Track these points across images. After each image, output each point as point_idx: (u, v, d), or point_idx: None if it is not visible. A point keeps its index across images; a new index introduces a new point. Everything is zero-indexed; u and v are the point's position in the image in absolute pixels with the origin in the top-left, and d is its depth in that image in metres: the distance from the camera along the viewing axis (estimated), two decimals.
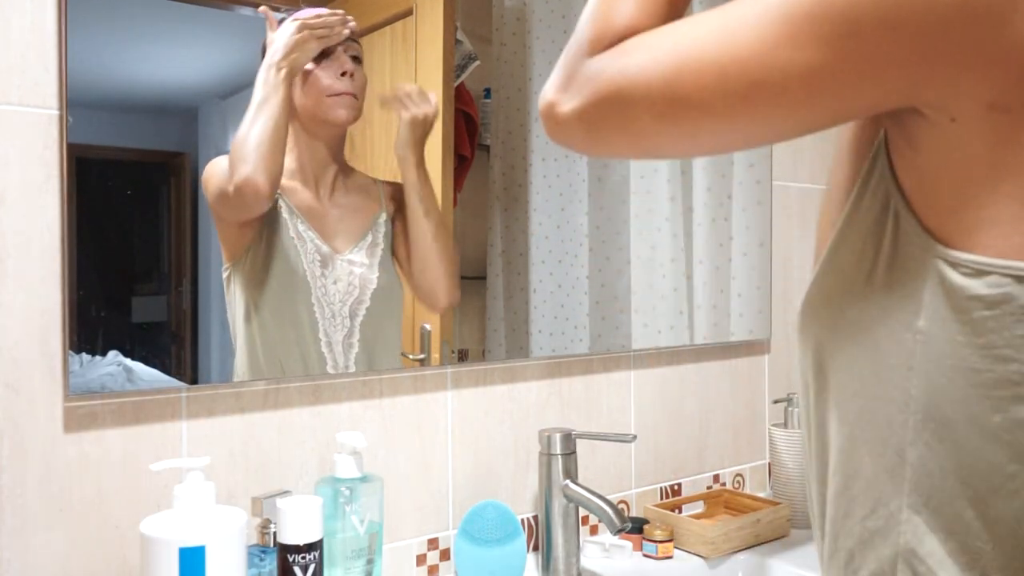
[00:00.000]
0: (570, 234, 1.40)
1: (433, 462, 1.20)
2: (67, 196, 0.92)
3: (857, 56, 0.46)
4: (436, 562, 1.20)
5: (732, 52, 0.49)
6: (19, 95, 0.90)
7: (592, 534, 1.36)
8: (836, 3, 0.46)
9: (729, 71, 0.49)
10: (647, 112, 0.53)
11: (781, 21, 0.48)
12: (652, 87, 0.52)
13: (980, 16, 0.43)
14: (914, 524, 0.49)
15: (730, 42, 0.50)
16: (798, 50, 0.47)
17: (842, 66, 0.47)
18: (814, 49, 0.47)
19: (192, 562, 0.79)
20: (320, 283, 1.10)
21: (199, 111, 1.04)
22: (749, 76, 0.49)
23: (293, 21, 1.06)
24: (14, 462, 0.90)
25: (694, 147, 0.56)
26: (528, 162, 1.36)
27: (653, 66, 0.53)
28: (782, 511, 1.39)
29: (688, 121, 0.52)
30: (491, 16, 1.33)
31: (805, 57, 0.47)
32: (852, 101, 0.49)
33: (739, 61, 0.49)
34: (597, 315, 1.41)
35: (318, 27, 1.07)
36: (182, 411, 1.00)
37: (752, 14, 0.49)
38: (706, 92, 0.50)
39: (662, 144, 0.56)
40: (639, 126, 0.54)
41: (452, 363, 1.23)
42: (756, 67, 0.49)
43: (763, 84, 0.49)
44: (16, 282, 0.90)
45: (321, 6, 1.11)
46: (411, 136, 1.15)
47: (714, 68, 0.50)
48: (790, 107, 0.49)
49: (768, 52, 0.48)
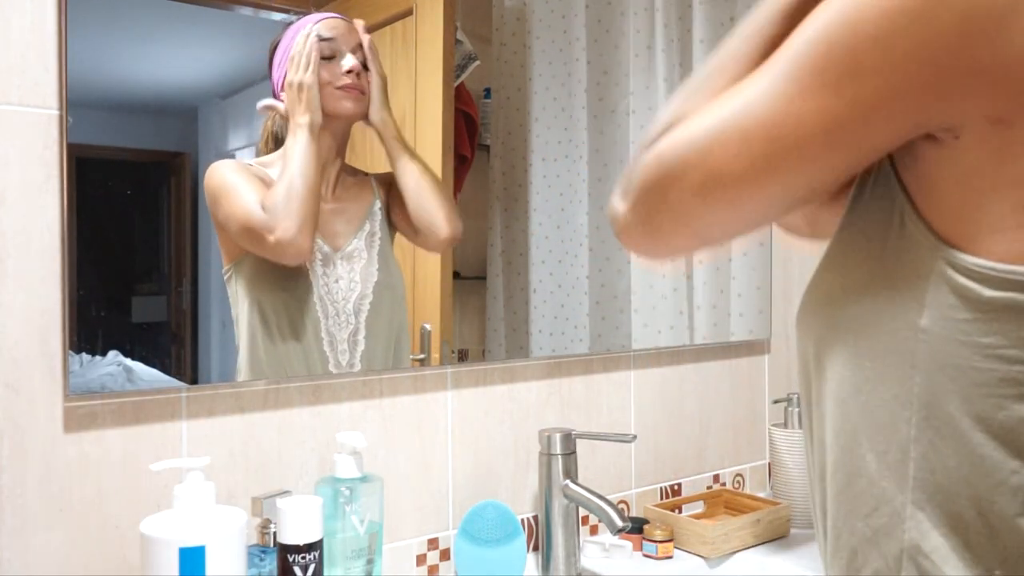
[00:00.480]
0: (570, 234, 1.40)
1: (433, 462, 1.20)
2: (67, 196, 0.92)
3: (864, 95, 0.47)
4: (436, 562, 1.20)
5: (752, 117, 0.52)
6: (19, 95, 0.90)
7: (592, 534, 1.36)
8: (835, 49, 0.48)
9: (751, 135, 0.52)
10: (688, 191, 0.55)
11: (790, 78, 0.50)
12: (688, 165, 0.55)
13: (976, 37, 0.44)
14: (918, 520, 0.49)
15: (749, 109, 0.52)
16: (808, 101, 0.49)
17: (851, 108, 0.48)
18: (823, 96, 0.49)
19: (192, 562, 0.79)
20: (323, 282, 1.11)
21: (199, 111, 1.04)
22: (768, 135, 0.51)
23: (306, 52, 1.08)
24: (14, 462, 0.90)
25: (741, 220, 0.58)
26: (528, 162, 1.36)
27: (686, 145, 0.56)
28: (782, 511, 1.39)
29: (726, 192, 0.54)
30: (491, 16, 1.33)
31: (816, 106, 0.49)
32: (870, 139, 0.50)
33: (758, 123, 0.51)
34: (597, 315, 1.41)
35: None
36: (182, 411, 1.00)
37: (766, 78, 0.52)
38: (735, 160, 0.53)
39: (712, 224, 0.57)
40: (685, 207, 0.57)
41: (452, 363, 1.23)
42: (773, 125, 0.51)
43: (782, 140, 0.51)
44: (16, 282, 0.90)
45: (322, 8, 1.11)
46: (382, 97, 1.15)
47: (737, 135, 0.52)
48: (813, 158, 0.51)
49: (782, 109, 0.50)
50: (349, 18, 1.13)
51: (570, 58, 1.40)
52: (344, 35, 1.11)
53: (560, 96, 1.39)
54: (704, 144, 0.54)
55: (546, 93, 1.38)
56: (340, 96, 1.11)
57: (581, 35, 1.41)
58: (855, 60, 0.47)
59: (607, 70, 1.44)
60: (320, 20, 1.10)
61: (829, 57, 0.48)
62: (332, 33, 1.10)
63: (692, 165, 0.55)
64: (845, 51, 0.47)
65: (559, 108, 1.39)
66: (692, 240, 0.60)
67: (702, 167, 0.54)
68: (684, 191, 0.56)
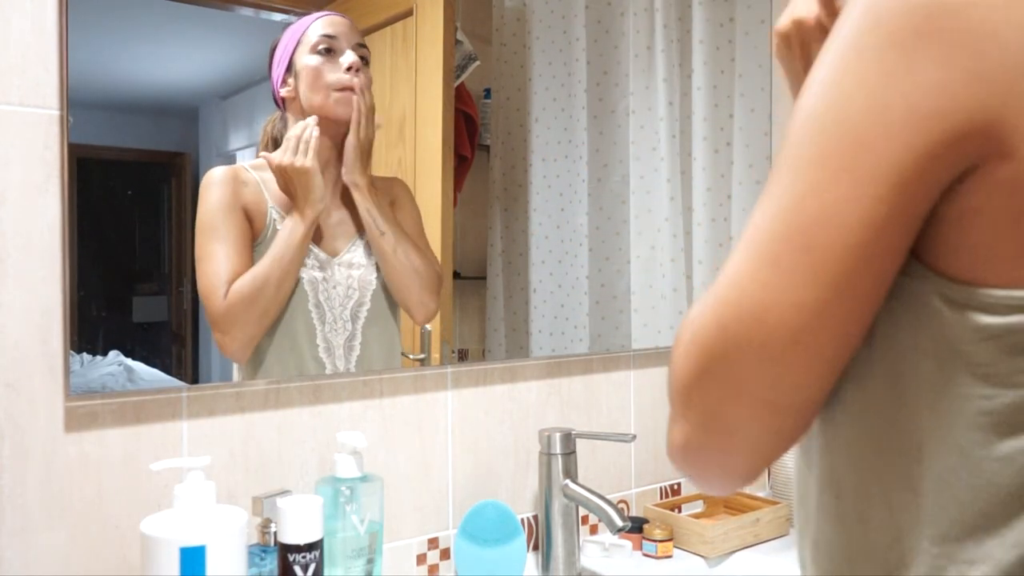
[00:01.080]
0: (570, 234, 1.40)
1: (433, 462, 1.20)
2: (67, 196, 0.92)
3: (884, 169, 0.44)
4: (436, 561, 1.20)
5: (777, 243, 0.46)
6: (19, 95, 0.90)
7: (592, 534, 1.36)
8: (831, 135, 0.45)
9: (784, 261, 0.46)
10: (742, 355, 0.48)
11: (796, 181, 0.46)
12: (730, 328, 0.48)
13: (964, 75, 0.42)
14: (933, 555, 0.48)
15: (771, 237, 0.47)
16: (824, 195, 0.45)
17: (875, 187, 0.44)
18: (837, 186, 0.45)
19: (192, 562, 0.79)
20: (322, 287, 1.10)
21: (199, 111, 1.04)
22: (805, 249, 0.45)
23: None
24: (15, 462, 0.90)
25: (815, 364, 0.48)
26: (528, 162, 1.36)
27: (719, 308, 0.49)
28: (782, 511, 1.39)
29: (788, 335, 0.46)
30: (491, 16, 1.33)
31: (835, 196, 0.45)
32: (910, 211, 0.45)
33: (788, 244, 0.46)
34: (597, 315, 1.42)
35: None
36: (182, 411, 1.00)
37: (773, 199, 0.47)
38: (785, 292, 0.46)
39: (782, 382, 0.48)
40: (750, 380, 0.48)
41: (452, 363, 1.23)
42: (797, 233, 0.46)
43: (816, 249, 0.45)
44: (16, 282, 0.90)
45: (321, 9, 1.11)
46: (358, 161, 1.13)
47: (772, 267, 0.46)
48: (864, 250, 0.45)
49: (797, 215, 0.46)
50: (346, 14, 1.13)
51: (570, 58, 1.41)
52: (344, 33, 1.11)
53: (560, 96, 1.39)
54: (735, 291, 0.48)
55: (546, 93, 1.38)
56: (339, 99, 1.10)
57: (581, 35, 1.42)
58: (856, 138, 0.44)
59: (607, 70, 1.44)
60: (320, 17, 1.10)
61: (828, 144, 0.45)
62: (333, 30, 1.10)
63: (732, 322, 0.48)
64: (842, 132, 0.45)
65: (559, 108, 1.39)
66: (770, 420, 0.50)
67: (745, 317, 0.47)
68: (734, 357, 0.48)
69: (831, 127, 0.45)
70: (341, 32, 1.11)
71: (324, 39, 1.09)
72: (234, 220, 1.04)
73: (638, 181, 1.46)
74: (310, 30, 1.10)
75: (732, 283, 0.48)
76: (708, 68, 1.53)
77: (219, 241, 1.03)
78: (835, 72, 0.46)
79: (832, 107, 0.45)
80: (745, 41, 1.56)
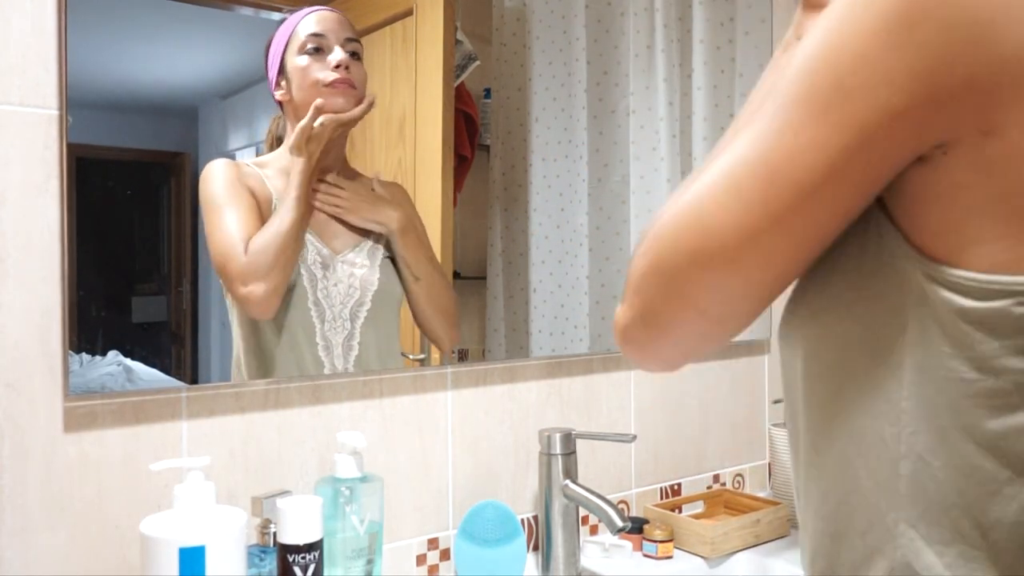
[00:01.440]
0: (570, 234, 1.40)
1: (433, 462, 1.20)
2: (67, 196, 0.92)
3: (857, 119, 0.45)
4: (436, 562, 1.20)
5: (743, 163, 0.49)
6: (19, 95, 0.90)
7: (592, 534, 1.36)
8: (820, 77, 0.46)
9: (743, 183, 0.49)
10: (685, 262, 0.51)
11: (776, 116, 0.48)
12: (680, 233, 0.51)
13: (964, 46, 0.43)
14: (910, 538, 0.49)
15: (739, 157, 0.49)
16: (801, 134, 0.47)
17: (846, 134, 0.46)
18: (814, 127, 0.46)
19: (192, 562, 0.79)
20: (321, 285, 1.10)
21: (199, 111, 1.04)
22: (762, 179, 0.48)
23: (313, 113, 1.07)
24: (14, 462, 0.90)
25: (747, 289, 0.52)
26: (528, 162, 1.36)
27: (677, 214, 0.52)
28: (782, 511, 1.39)
29: (725, 253, 0.50)
30: (491, 16, 1.33)
31: (809, 138, 0.46)
32: (873, 167, 0.47)
33: (750, 169, 0.48)
34: (597, 315, 1.41)
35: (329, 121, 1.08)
36: (182, 411, 1.00)
37: (754, 125, 0.49)
38: (728, 213, 0.49)
39: (716, 299, 0.52)
40: (684, 282, 0.52)
41: (452, 363, 1.23)
42: (766, 167, 0.48)
43: (778, 183, 0.47)
44: (16, 282, 0.90)
45: (322, 6, 1.11)
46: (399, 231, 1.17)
47: (729, 186, 0.49)
48: (813, 197, 0.47)
49: (773, 149, 0.48)
50: (341, 10, 1.12)
51: (570, 58, 1.41)
52: (333, 28, 1.10)
53: (560, 96, 1.39)
54: (695, 205, 0.51)
55: (546, 93, 1.38)
56: (329, 93, 1.09)
57: (581, 35, 1.41)
58: (841, 84, 0.45)
59: (607, 70, 1.44)
60: (308, 13, 1.09)
61: (815, 86, 0.46)
62: (321, 27, 1.09)
63: (685, 231, 0.51)
64: (830, 76, 0.46)
65: (559, 108, 1.39)
66: (698, 325, 0.54)
67: (696, 229, 0.50)
68: (681, 264, 0.51)
69: (822, 70, 0.46)
70: (329, 29, 1.10)
71: (312, 38, 1.09)
72: (241, 193, 1.05)
73: (638, 181, 1.46)
74: (299, 28, 1.09)
75: (695, 198, 0.51)
76: (708, 68, 1.52)
77: (229, 209, 1.04)
78: (839, 20, 0.46)
79: (827, 52, 0.46)
80: (745, 41, 1.56)
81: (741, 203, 0.49)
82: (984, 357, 0.45)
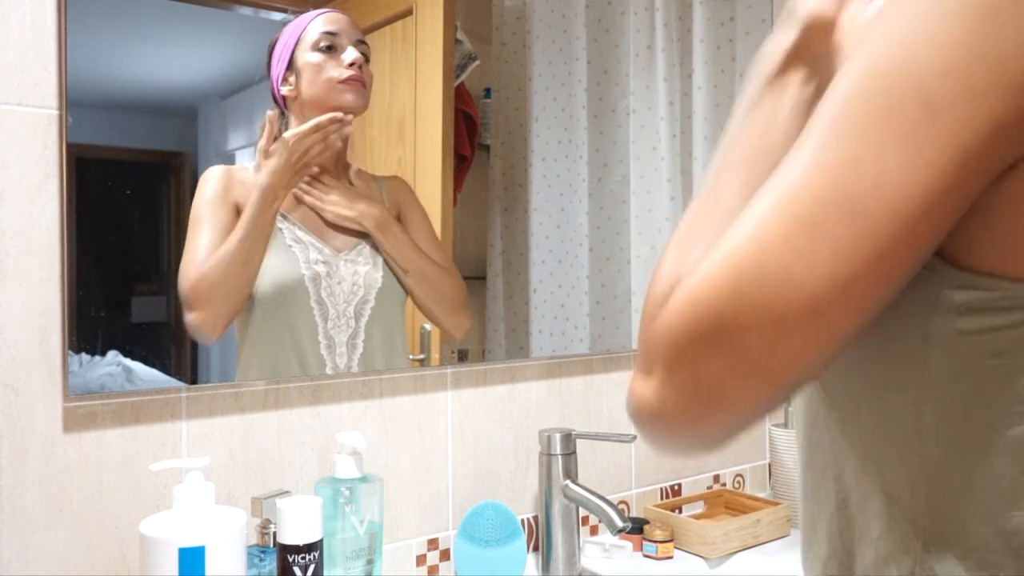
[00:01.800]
0: (570, 234, 1.40)
1: (433, 462, 1.20)
2: (67, 196, 0.92)
3: (954, 138, 0.40)
4: (436, 562, 1.20)
5: (818, 207, 0.42)
6: (19, 95, 0.90)
7: (592, 534, 1.36)
8: (900, 93, 0.41)
9: (819, 220, 0.42)
10: (751, 324, 0.43)
11: (848, 141, 0.42)
12: (747, 293, 0.43)
13: None
14: (930, 544, 0.48)
15: (803, 194, 0.42)
16: (885, 159, 0.40)
17: (943, 155, 0.40)
18: (902, 150, 0.40)
19: (192, 562, 0.79)
20: (325, 283, 1.10)
21: (199, 111, 1.04)
22: (844, 214, 0.41)
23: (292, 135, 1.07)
24: (14, 462, 0.90)
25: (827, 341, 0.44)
26: (528, 162, 1.36)
27: (727, 270, 0.44)
28: (782, 511, 1.39)
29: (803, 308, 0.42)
30: (491, 16, 1.33)
31: (897, 162, 0.40)
32: (970, 187, 0.41)
33: (826, 204, 0.42)
34: (597, 315, 1.41)
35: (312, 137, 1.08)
36: (182, 411, 1.00)
37: (810, 153, 0.43)
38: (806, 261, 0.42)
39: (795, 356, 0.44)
40: (760, 350, 0.44)
41: (452, 363, 1.23)
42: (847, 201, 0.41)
43: (863, 216, 0.41)
44: (16, 282, 0.90)
45: (322, 7, 1.11)
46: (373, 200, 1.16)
47: (801, 228, 0.42)
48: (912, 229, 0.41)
49: (851, 178, 0.41)
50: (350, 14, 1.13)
51: (570, 58, 1.40)
52: (346, 29, 1.12)
53: (560, 96, 1.39)
54: (753, 255, 0.43)
55: (546, 93, 1.38)
56: (342, 89, 1.10)
57: (581, 35, 1.41)
58: (929, 100, 0.40)
59: (607, 70, 1.44)
60: (320, 14, 1.11)
61: (892, 103, 0.40)
62: (334, 27, 1.11)
63: (749, 286, 0.43)
64: (911, 91, 0.40)
65: (559, 108, 1.39)
66: (766, 392, 0.45)
67: (767, 282, 0.42)
68: (749, 324, 0.43)
69: (901, 88, 0.41)
70: (342, 29, 1.11)
71: (326, 36, 1.10)
72: (220, 211, 1.04)
73: (639, 181, 1.46)
74: (311, 27, 1.10)
75: (755, 244, 0.43)
76: (709, 67, 1.52)
77: (202, 228, 1.03)
78: (906, 30, 0.41)
79: (904, 66, 0.41)
80: (746, 40, 1.56)
81: (827, 245, 0.41)
82: (1009, 363, 0.44)
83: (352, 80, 1.11)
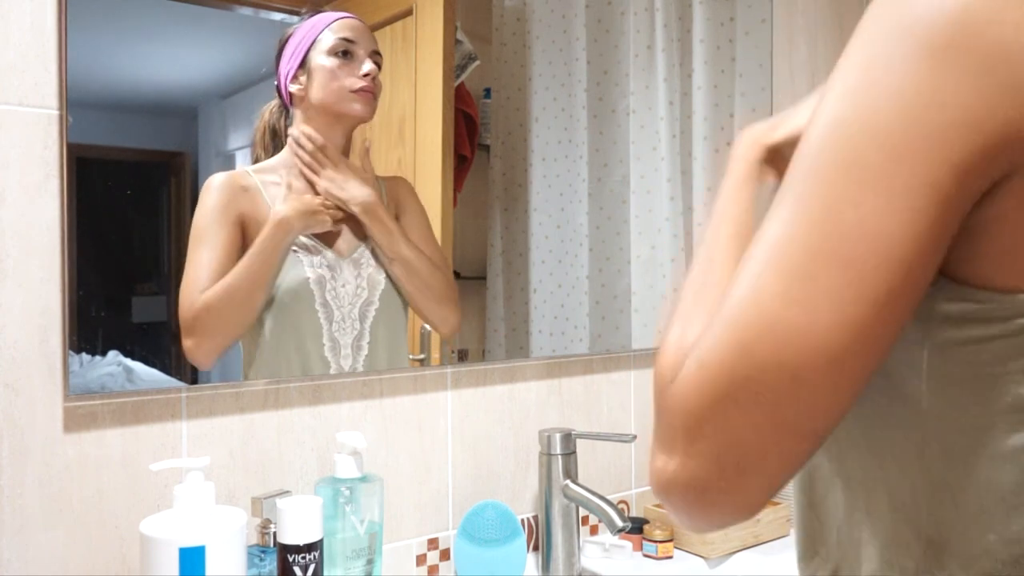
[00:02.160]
0: (570, 234, 1.40)
1: (433, 462, 1.20)
2: (67, 196, 0.92)
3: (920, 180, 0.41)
4: (436, 562, 1.20)
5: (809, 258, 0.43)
6: (19, 95, 0.90)
7: (592, 534, 1.36)
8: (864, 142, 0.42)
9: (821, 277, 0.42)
10: (778, 379, 0.43)
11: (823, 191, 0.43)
12: (758, 352, 0.43)
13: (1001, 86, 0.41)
14: (931, 553, 0.48)
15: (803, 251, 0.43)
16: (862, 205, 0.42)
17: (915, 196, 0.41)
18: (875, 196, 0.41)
19: (192, 562, 0.79)
20: (330, 286, 1.10)
21: (199, 111, 1.04)
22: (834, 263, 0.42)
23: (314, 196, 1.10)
24: (14, 462, 0.90)
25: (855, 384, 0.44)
26: (528, 162, 1.36)
27: (737, 335, 0.44)
28: (782, 511, 1.39)
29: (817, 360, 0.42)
30: (491, 16, 1.33)
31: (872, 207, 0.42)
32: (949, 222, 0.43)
33: (825, 260, 0.42)
34: (597, 315, 1.41)
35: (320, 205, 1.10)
36: (182, 411, 1.00)
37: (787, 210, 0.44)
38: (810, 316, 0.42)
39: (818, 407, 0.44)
40: (784, 406, 0.44)
41: (452, 363, 1.23)
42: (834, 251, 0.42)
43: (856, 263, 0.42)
44: (16, 282, 0.90)
45: (321, 7, 1.11)
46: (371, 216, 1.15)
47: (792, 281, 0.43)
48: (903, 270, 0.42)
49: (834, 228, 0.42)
50: (344, 11, 1.13)
51: (570, 58, 1.40)
52: (363, 38, 1.12)
53: (560, 96, 1.39)
54: (758, 313, 0.44)
55: (546, 93, 1.38)
56: (352, 99, 1.11)
57: (581, 35, 1.41)
58: (890, 147, 0.41)
59: (607, 70, 1.44)
60: (338, 19, 1.11)
61: (857, 154, 0.42)
62: (353, 34, 1.11)
63: (760, 345, 0.43)
64: (874, 140, 0.42)
65: (559, 108, 1.39)
66: (797, 446, 0.45)
67: (778, 337, 0.43)
68: (768, 382, 0.43)
69: (862, 137, 0.42)
70: (360, 37, 1.12)
71: (343, 42, 1.10)
72: (224, 228, 1.04)
73: (638, 181, 1.46)
74: (328, 31, 1.10)
75: (755, 303, 0.44)
76: (708, 67, 1.52)
77: (204, 248, 1.02)
78: (863, 80, 0.43)
79: (863, 115, 0.43)
80: (745, 40, 1.56)
81: (825, 295, 0.42)
82: (1008, 372, 0.45)
83: (364, 91, 1.11)
